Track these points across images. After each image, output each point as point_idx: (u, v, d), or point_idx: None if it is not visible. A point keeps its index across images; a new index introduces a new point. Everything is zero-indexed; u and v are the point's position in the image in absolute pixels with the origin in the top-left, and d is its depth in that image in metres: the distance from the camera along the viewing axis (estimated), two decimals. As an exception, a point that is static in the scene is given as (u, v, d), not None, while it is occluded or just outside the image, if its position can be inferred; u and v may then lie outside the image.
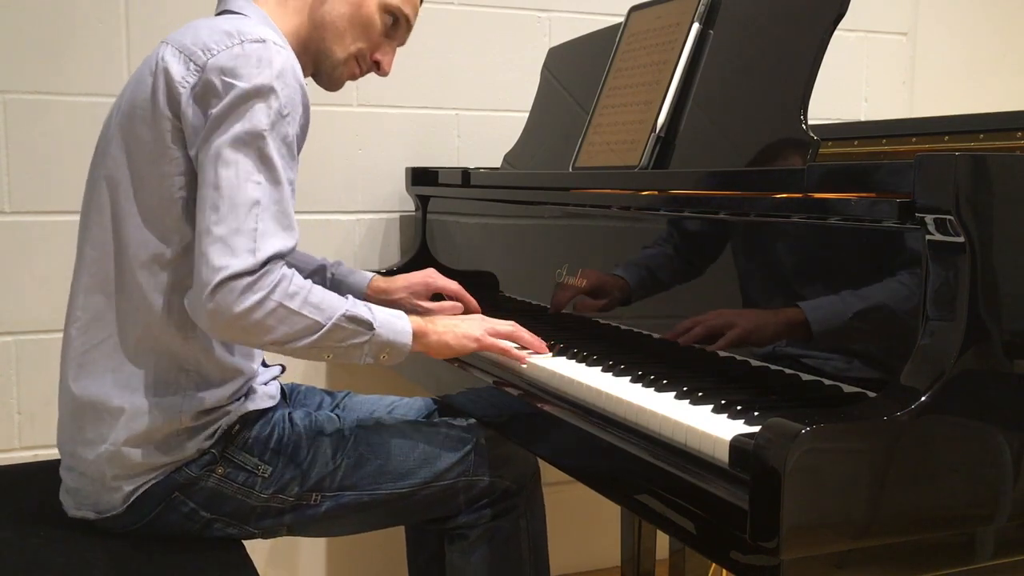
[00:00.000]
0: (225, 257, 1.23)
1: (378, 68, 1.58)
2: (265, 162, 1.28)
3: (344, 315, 1.32)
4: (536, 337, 1.50)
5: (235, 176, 1.26)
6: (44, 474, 1.51)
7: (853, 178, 1.10)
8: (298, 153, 1.37)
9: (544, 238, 1.77)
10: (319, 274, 1.77)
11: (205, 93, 1.29)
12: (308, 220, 2.31)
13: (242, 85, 1.28)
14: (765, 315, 1.24)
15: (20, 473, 1.61)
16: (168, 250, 1.34)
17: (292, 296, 1.28)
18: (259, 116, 1.28)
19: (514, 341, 1.49)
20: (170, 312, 1.35)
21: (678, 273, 1.41)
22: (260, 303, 1.25)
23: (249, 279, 1.24)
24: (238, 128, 1.27)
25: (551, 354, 1.48)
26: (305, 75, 1.50)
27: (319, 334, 1.30)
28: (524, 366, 1.46)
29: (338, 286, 1.76)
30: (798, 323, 1.17)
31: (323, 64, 1.53)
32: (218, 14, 1.45)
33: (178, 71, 1.31)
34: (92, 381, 1.36)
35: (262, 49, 1.30)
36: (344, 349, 1.34)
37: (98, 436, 1.34)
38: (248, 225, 1.25)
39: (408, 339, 1.39)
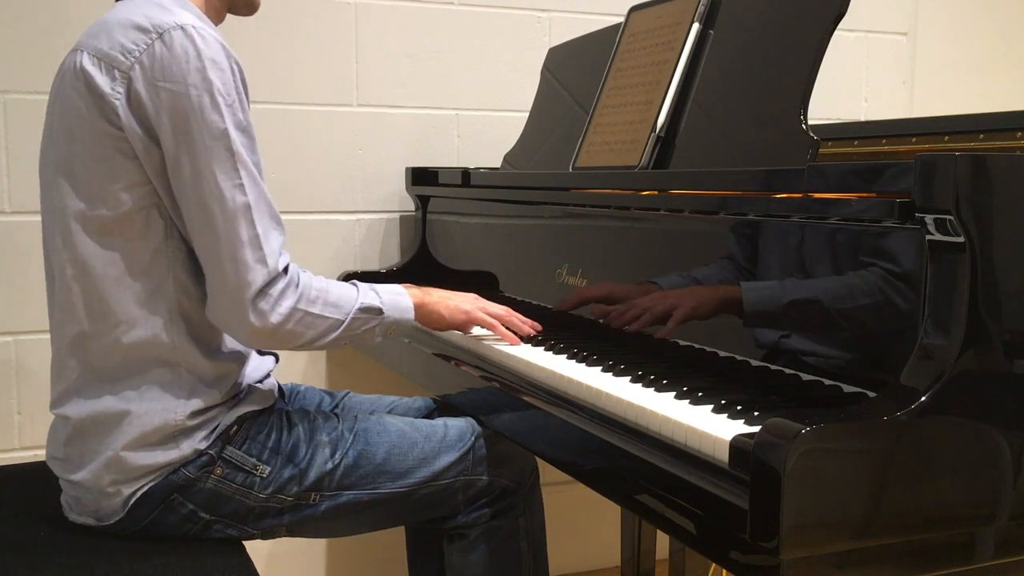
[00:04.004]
0: (243, 273, 1.29)
1: None
2: (237, 161, 1.29)
3: (358, 307, 1.42)
4: (529, 321, 1.58)
5: (216, 187, 1.28)
6: (44, 474, 1.51)
7: (853, 178, 1.10)
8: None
9: (544, 238, 1.77)
10: None
11: (142, 103, 1.27)
12: (308, 220, 2.31)
13: (178, 89, 1.26)
14: (706, 292, 1.27)
15: (20, 473, 1.61)
16: (138, 260, 1.32)
17: (314, 302, 1.36)
18: (211, 116, 1.27)
19: (505, 323, 1.57)
20: (154, 321, 1.33)
21: (677, 272, 1.41)
22: (290, 314, 1.33)
23: (272, 289, 1.32)
24: (198, 136, 1.26)
25: (530, 345, 1.55)
26: (221, 20, 1.46)
27: (339, 330, 1.40)
28: (510, 351, 1.53)
29: None
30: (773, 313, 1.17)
31: None
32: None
33: (104, 82, 1.27)
34: (86, 402, 1.35)
35: (182, 38, 1.26)
36: (359, 335, 1.44)
37: (98, 447, 1.34)
38: (249, 233, 1.30)
39: (411, 315, 1.49)
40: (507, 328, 1.57)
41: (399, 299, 1.47)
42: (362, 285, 1.45)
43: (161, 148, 1.28)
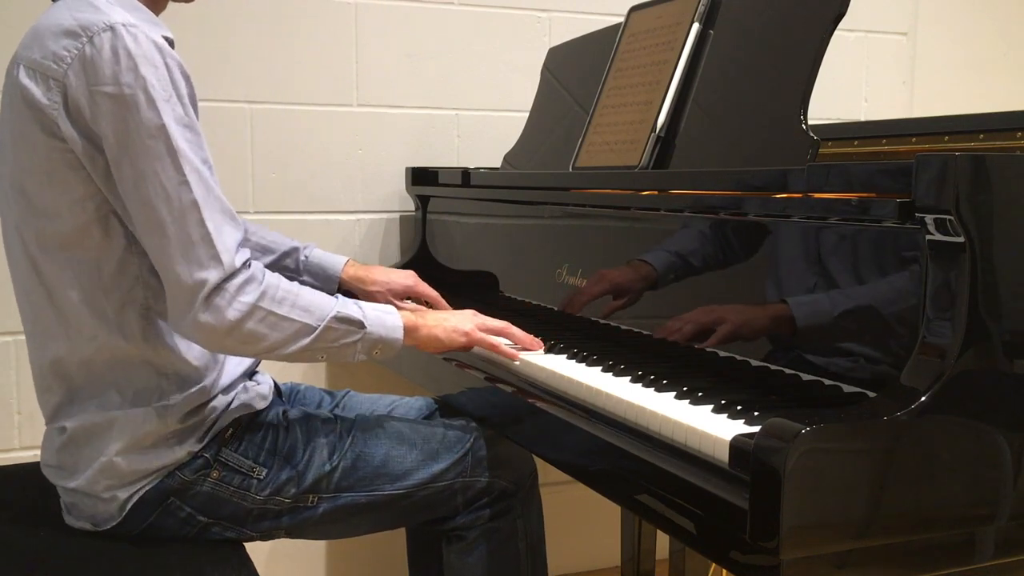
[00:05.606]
0: (195, 272, 1.24)
1: None
2: (180, 157, 1.24)
3: (334, 316, 1.34)
4: (529, 335, 1.52)
5: (160, 187, 1.23)
6: (44, 475, 1.51)
7: (853, 178, 1.10)
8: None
9: (544, 238, 1.77)
10: (291, 256, 1.76)
11: (80, 110, 1.23)
12: (308, 220, 2.31)
13: (112, 90, 1.22)
14: (753, 310, 1.25)
15: (20, 473, 1.61)
16: (105, 272, 1.30)
17: (280, 302, 1.30)
18: (147, 114, 1.22)
19: (505, 338, 1.51)
20: (130, 330, 1.32)
21: (679, 273, 1.41)
22: (250, 311, 1.27)
23: (229, 285, 1.26)
24: (136, 136, 1.22)
25: (543, 350, 1.50)
26: (162, 9, 1.40)
27: (311, 337, 1.32)
28: (517, 363, 1.47)
29: (310, 268, 1.77)
30: (786, 318, 1.18)
31: None
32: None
33: (40, 93, 1.24)
34: (78, 414, 1.34)
35: (111, 39, 1.22)
36: (336, 349, 1.36)
37: (92, 453, 1.34)
38: (199, 232, 1.24)
39: (400, 334, 1.42)
40: (509, 343, 1.51)
41: (385, 317, 1.40)
42: (345, 298, 1.39)
43: (105, 154, 1.25)
